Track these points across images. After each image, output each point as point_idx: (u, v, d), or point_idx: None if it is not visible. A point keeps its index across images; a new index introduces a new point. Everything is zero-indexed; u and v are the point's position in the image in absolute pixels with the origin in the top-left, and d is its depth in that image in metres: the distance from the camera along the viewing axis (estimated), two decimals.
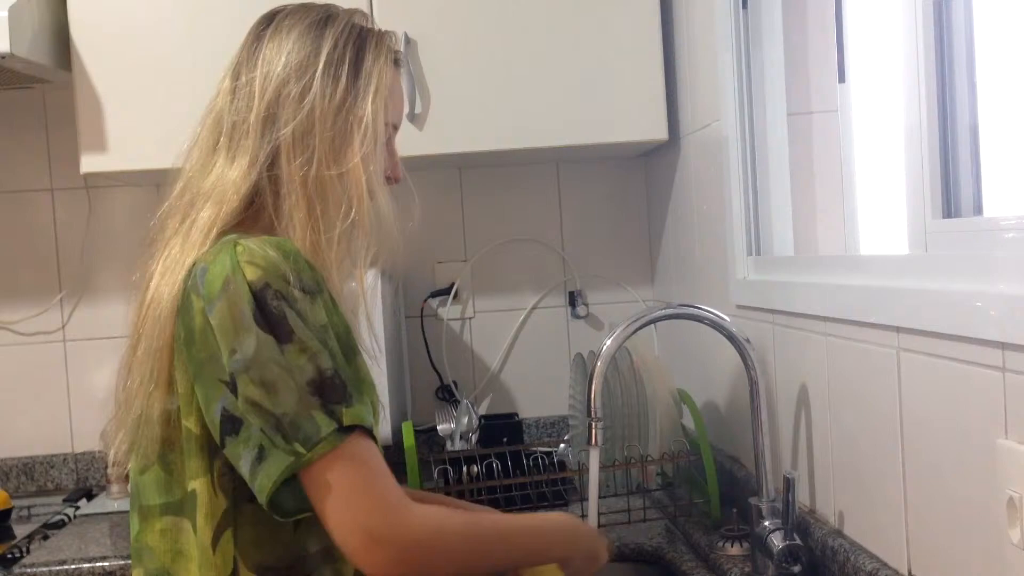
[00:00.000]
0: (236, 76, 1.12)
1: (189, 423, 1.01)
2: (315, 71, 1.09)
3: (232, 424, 0.97)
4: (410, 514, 0.96)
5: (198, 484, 1.02)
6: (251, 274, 0.97)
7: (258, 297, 0.97)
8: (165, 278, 1.04)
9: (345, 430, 0.95)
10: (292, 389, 0.95)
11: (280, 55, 1.10)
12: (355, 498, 0.94)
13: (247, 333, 0.96)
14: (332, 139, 1.09)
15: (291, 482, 0.96)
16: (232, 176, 1.08)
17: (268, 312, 0.96)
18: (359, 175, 1.10)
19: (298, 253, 1.02)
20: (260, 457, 0.95)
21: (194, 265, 1.02)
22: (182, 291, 1.01)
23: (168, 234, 1.10)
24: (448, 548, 0.99)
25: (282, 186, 1.08)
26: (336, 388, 0.97)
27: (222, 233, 1.06)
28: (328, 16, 1.14)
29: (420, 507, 0.98)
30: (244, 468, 0.97)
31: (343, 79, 1.10)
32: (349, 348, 1.05)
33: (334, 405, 0.96)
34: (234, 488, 1.01)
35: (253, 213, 1.09)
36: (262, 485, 0.96)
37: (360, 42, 1.13)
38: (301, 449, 0.94)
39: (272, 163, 1.08)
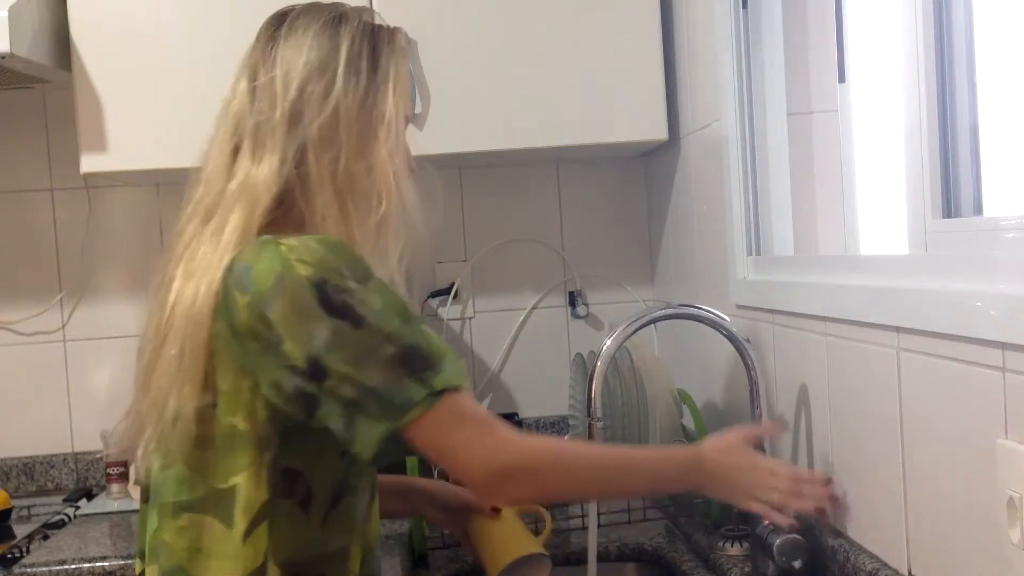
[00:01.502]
0: (253, 77, 1.12)
1: (235, 420, 1.02)
2: (336, 68, 1.11)
3: (311, 402, 1.00)
4: (528, 442, 1.07)
5: (240, 479, 1.03)
6: (304, 271, 0.99)
7: (319, 291, 0.99)
8: (195, 279, 1.04)
9: (438, 394, 1.00)
10: (379, 365, 0.98)
11: (300, 53, 1.11)
12: (476, 441, 1.02)
13: (320, 321, 0.98)
14: (358, 134, 1.11)
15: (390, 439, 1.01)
16: (261, 176, 1.08)
17: (333, 303, 0.99)
18: (387, 168, 1.12)
19: (342, 245, 1.04)
20: (354, 423, 0.99)
21: (233, 263, 1.03)
22: (222, 289, 1.02)
23: (188, 237, 1.09)
24: (570, 470, 1.08)
25: (311, 183, 1.09)
26: (420, 358, 1.00)
27: (257, 232, 1.06)
28: (341, 14, 1.15)
29: (536, 437, 1.10)
30: (341, 433, 1.01)
31: (363, 75, 1.12)
32: (413, 320, 1.06)
33: (423, 372, 1.00)
34: (275, 482, 1.03)
35: (283, 212, 1.09)
36: (364, 445, 1.00)
37: (374, 39, 1.15)
38: (398, 413, 0.98)
39: (300, 160, 1.09)
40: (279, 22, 1.15)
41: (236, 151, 1.11)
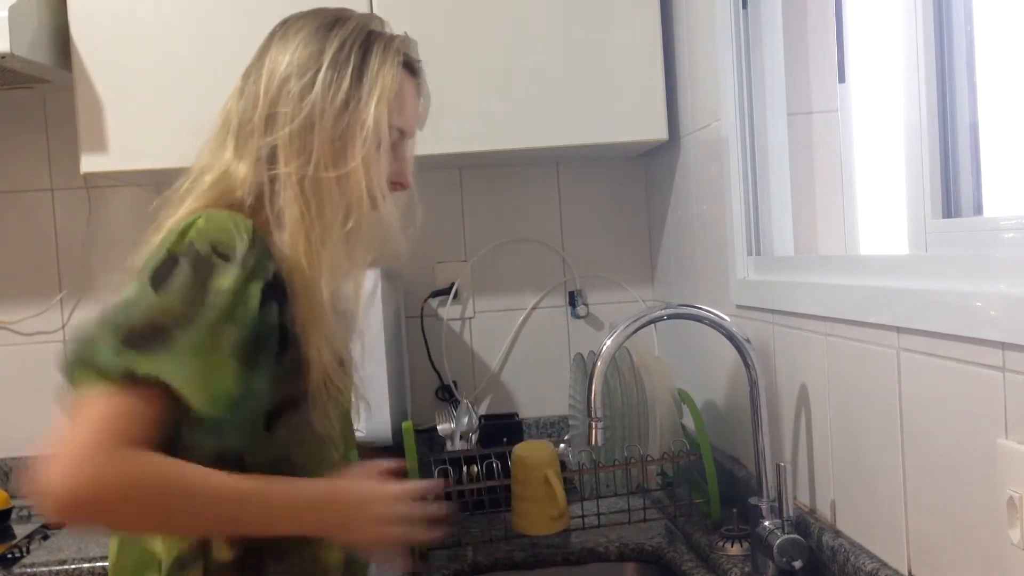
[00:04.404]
0: (246, 76, 1.14)
1: None
2: (317, 70, 1.09)
3: None
4: (122, 467, 0.90)
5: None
6: (193, 234, 0.99)
7: (172, 256, 0.98)
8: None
9: (128, 375, 0.91)
10: (130, 316, 0.95)
11: (285, 54, 1.11)
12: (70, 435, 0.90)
13: (136, 283, 0.98)
14: (332, 140, 1.09)
15: None
16: (239, 173, 1.09)
17: (165, 265, 0.98)
18: (359, 178, 1.09)
19: (255, 234, 1.02)
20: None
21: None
22: None
23: (158, 224, 1.09)
24: (162, 505, 0.94)
25: (277, 186, 1.08)
26: (153, 336, 0.93)
27: None
28: (337, 19, 1.14)
29: (143, 462, 0.91)
30: None
31: (346, 80, 1.10)
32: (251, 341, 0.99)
33: (140, 349, 0.93)
34: (205, 464, 0.97)
35: (251, 210, 1.08)
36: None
37: (367, 45, 1.13)
38: (84, 370, 0.92)
39: (272, 162, 1.08)
40: (281, 25, 1.16)
41: (223, 147, 1.11)
